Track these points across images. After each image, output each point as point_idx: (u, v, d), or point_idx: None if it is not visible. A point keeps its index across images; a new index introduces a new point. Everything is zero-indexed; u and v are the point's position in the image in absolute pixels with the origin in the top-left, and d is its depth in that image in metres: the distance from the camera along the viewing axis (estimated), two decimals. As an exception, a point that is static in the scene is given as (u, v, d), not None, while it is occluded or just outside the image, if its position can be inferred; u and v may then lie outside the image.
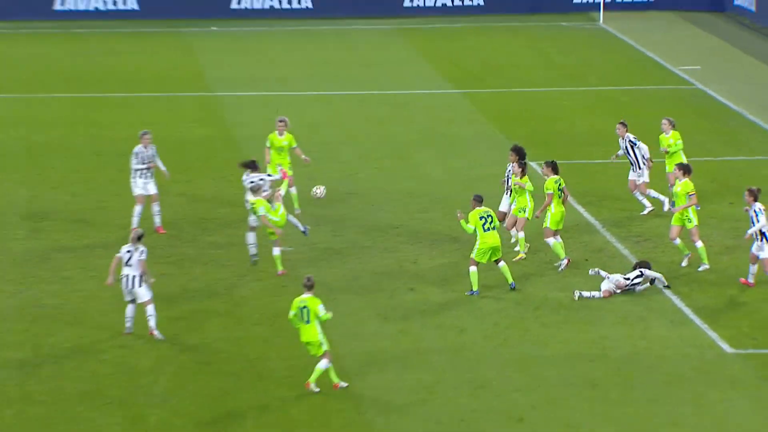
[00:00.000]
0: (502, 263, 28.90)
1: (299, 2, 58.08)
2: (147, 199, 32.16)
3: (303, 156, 33.70)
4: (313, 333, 24.80)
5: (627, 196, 34.10)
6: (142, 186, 32.18)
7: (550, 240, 30.12)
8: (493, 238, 28.55)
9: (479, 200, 28.75)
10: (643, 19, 57.45)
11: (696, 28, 56.52)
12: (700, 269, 29.95)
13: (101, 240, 32.18)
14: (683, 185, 29.94)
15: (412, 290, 29.23)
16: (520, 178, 30.30)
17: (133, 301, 26.76)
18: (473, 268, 28.72)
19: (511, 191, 30.74)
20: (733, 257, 30.93)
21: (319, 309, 24.73)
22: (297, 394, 24.52)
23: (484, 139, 39.78)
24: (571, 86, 46.96)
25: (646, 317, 27.81)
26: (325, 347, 24.69)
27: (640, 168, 33.19)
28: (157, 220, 32.34)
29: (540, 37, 54.78)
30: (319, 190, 31.49)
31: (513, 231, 30.65)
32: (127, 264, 26.66)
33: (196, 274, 30.04)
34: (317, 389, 24.39)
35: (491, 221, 28.56)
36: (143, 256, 26.65)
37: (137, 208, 32.04)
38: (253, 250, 30.16)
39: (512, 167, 30.54)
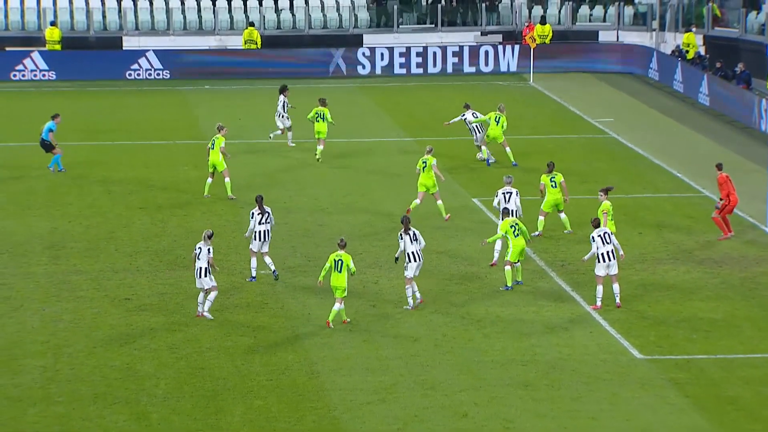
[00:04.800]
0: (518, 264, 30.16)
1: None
2: None
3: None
4: (342, 280, 27.15)
5: (554, 225, 34.16)
6: None
7: (542, 217, 33.66)
8: (521, 242, 29.77)
9: (507, 212, 30.59)
10: (565, 79, 57.67)
11: (608, 86, 56.77)
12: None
13: (111, 265, 32.03)
14: (604, 205, 30.85)
15: (373, 306, 29.17)
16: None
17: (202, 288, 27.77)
18: (507, 268, 29.87)
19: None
20: (641, 278, 31.01)
21: (351, 262, 27.01)
22: (277, 394, 24.41)
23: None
24: (507, 135, 47.05)
25: (570, 328, 27.82)
26: (345, 293, 27.11)
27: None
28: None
29: (480, 93, 54.88)
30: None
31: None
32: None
33: (191, 293, 29.88)
34: (332, 326, 27.25)
35: (518, 228, 29.81)
36: (211, 254, 27.62)
37: None
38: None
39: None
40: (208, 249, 27.77)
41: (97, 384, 24.78)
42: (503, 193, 32.20)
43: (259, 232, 30.10)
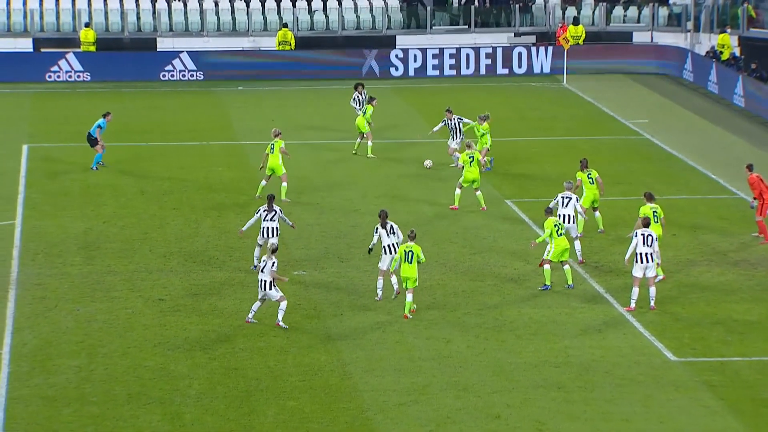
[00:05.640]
0: (567, 266, 29.95)
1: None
2: None
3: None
4: (413, 271, 27.77)
5: (591, 227, 34.05)
6: None
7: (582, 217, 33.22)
8: (564, 242, 29.62)
9: (549, 212, 30.24)
10: (599, 80, 57.52)
11: (643, 87, 56.58)
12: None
13: (145, 265, 32.15)
14: (643, 209, 30.79)
15: (406, 307, 29.16)
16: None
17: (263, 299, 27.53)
18: (547, 267, 29.69)
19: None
20: (675, 279, 30.88)
21: (421, 253, 27.56)
22: (310, 395, 24.44)
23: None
24: (541, 136, 47.00)
25: (603, 330, 27.74)
26: (416, 284, 27.78)
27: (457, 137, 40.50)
28: None
29: (514, 95, 54.85)
30: (429, 162, 39.96)
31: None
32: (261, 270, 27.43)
33: (224, 294, 29.98)
34: (411, 316, 28.02)
35: (562, 228, 29.70)
36: (274, 268, 27.23)
37: None
38: None
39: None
40: (273, 263, 27.43)
41: (131, 384, 24.88)
42: (563, 197, 32.04)
43: (266, 228, 30.70)
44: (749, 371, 25.55)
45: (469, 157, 36.07)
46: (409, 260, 27.89)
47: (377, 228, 29.16)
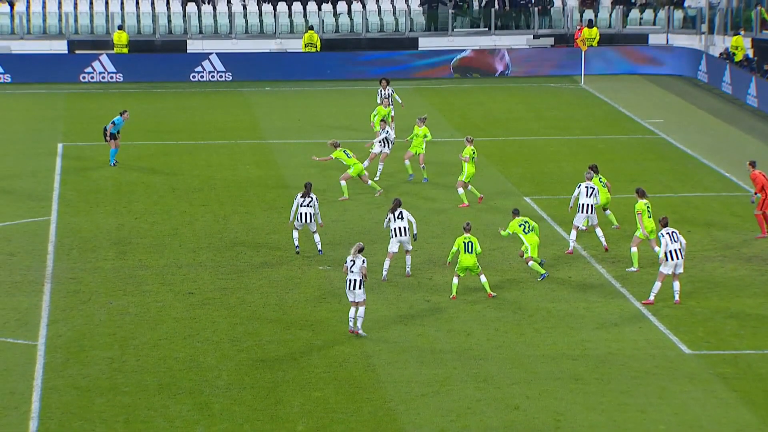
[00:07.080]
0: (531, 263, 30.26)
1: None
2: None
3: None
4: (473, 259, 28.64)
5: (602, 223, 33.96)
6: None
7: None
8: (534, 238, 30.00)
9: (516, 213, 30.47)
10: (616, 81, 57.36)
11: (658, 88, 56.40)
12: (629, 270, 30.69)
13: (175, 260, 32.22)
14: (638, 205, 30.68)
15: (428, 301, 29.17)
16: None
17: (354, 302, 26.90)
18: (531, 263, 30.05)
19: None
20: (690, 275, 30.77)
21: (478, 244, 28.75)
22: (335, 386, 24.46)
23: (486, 177, 39.74)
24: (558, 135, 46.89)
25: (619, 324, 27.68)
26: (480, 268, 28.70)
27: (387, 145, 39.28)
28: None
29: (532, 95, 54.74)
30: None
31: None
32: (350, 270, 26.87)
33: (252, 288, 30.03)
34: (494, 293, 28.75)
35: (528, 226, 29.99)
36: (365, 264, 26.83)
37: None
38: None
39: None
40: (363, 260, 26.77)
41: (162, 375, 24.95)
42: (586, 187, 32.05)
43: (302, 213, 31.72)
44: (761, 364, 25.46)
45: (473, 151, 36.19)
46: (470, 250, 28.69)
47: (387, 214, 30.40)
